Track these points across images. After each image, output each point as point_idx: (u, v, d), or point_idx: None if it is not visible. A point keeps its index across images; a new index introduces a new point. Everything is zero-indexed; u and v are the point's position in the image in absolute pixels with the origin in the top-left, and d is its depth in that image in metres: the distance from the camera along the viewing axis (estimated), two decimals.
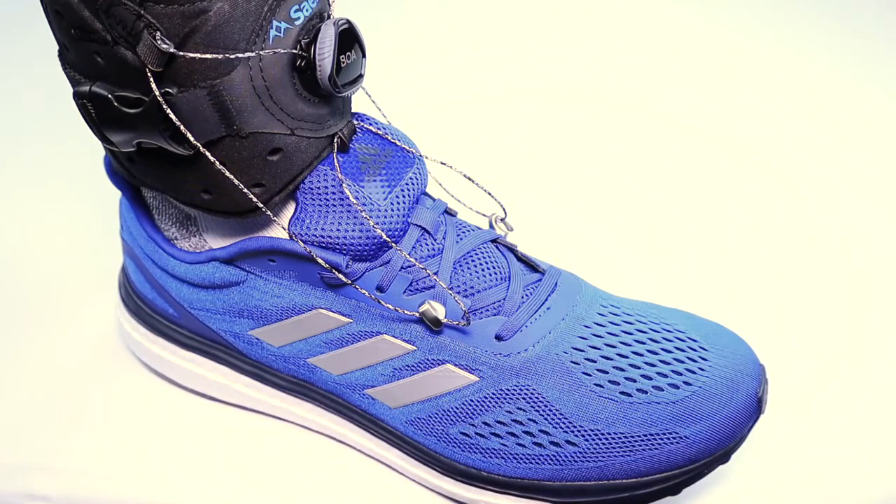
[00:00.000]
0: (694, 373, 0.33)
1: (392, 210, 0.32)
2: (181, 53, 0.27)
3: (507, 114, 0.62)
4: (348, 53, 0.30)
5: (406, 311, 0.32)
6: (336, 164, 0.32)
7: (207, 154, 0.29)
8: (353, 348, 0.34)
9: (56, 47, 0.30)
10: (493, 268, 0.34)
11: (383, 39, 0.64)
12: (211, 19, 0.26)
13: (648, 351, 0.33)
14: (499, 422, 0.33)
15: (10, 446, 0.37)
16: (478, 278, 0.34)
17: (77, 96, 0.29)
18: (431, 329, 0.33)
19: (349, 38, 0.30)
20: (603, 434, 0.32)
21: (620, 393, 0.32)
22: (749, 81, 0.68)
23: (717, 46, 0.72)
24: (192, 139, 0.28)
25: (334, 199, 0.32)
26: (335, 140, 0.32)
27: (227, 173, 0.30)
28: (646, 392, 0.32)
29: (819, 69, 0.69)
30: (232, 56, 0.27)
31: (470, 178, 0.37)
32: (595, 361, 0.33)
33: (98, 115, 0.29)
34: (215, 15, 0.26)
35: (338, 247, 0.32)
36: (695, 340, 0.34)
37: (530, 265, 0.36)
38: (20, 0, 0.70)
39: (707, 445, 0.32)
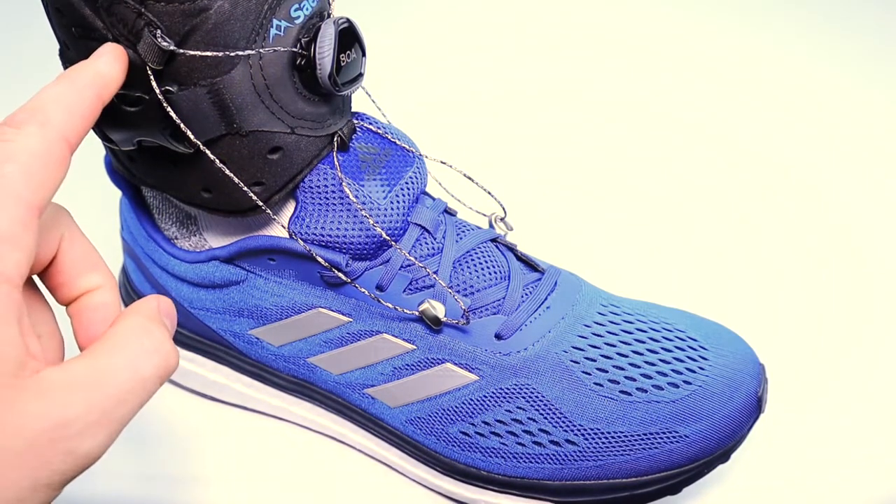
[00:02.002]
0: (694, 372, 0.33)
1: (392, 209, 0.32)
2: (182, 51, 0.27)
3: (506, 114, 0.62)
4: (348, 52, 0.30)
5: (406, 310, 0.32)
6: (336, 162, 0.32)
7: (207, 152, 0.29)
8: (352, 347, 0.34)
9: (56, 46, 0.30)
10: (493, 267, 0.34)
11: (383, 39, 0.64)
12: (211, 17, 0.26)
13: (648, 350, 0.33)
14: (499, 421, 0.33)
15: None
16: (477, 277, 0.34)
17: None
18: (431, 328, 0.33)
19: (349, 37, 0.30)
20: (603, 433, 0.32)
21: (620, 392, 0.32)
22: (749, 81, 0.68)
23: (717, 46, 0.72)
24: (192, 137, 0.28)
25: (334, 198, 0.32)
26: (335, 139, 0.32)
27: (227, 172, 0.30)
28: (646, 391, 0.32)
29: (818, 69, 0.69)
30: (232, 54, 0.27)
31: (470, 178, 0.37)
32: (595, 360, 0.33)
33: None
34: (216, 13, 0.26)
35: (338, 245, 0.32)
36: (695, 340, 0.34)
37: (530, 264, 0.36)
38: (20, 0, 0.70)
39: (707, 445, 0.32)
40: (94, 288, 0.24)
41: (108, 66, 0.25)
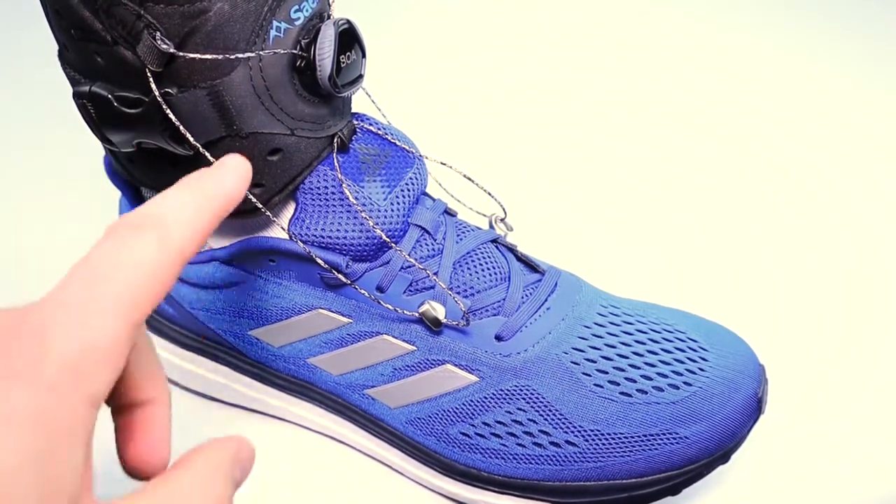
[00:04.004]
0: (694, 373, 0.33)
1: (392, 210, 0.32)
2: (181, 53, 0.27)
3: (506, 114, 0.62)
4: (348, 54, 0.30)
5: (406, 312, 0.32)
6: (336, 164, 0.32)
7: (207, 154, 0.29)
8: (352, 348, 0.34)
9: (56, 47, 0.30)
10: (493, 268, 0.34)
11: (383, 39, 0.64)
12: (211, 19, 0.26)
13: (648, 351, 0.33)
14: (499, 422, 0.33)
15: None
16: (477, 278, 0.34)
17: (77, 96, 0.29)
18: (431, 329, 0.33)
19: (349, 39, 0.30)
20: (603, 434, 0.32)
21: (620, 393, 0.32)
22: (749, 81, 0.68)
23: (716, 46, 0.72)
24: (191, 139, 0.28)
25: (334, 200, 0.32)
26: (335, 140, 0.32)
27: None
28: (646, 392, 0.32)
29: (819, 68, 0.69)
30: (232, 56, 0.27)
31: (470, 178, 0.37)
32: (595, 362, 0.33)
33: (98, 115, 0.29)
34: (215, 15, 0.26)
35: (337, 247, 0.32)
36: (695, 340, 0.34)
37: (530, 265, 0.36)
38: (20, 0, 0.70)
39: (707, 446, 0.32)
40: (149, 400, 0.23)
41: (235, 184, 0.23)
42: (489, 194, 0.38)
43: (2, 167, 0.55)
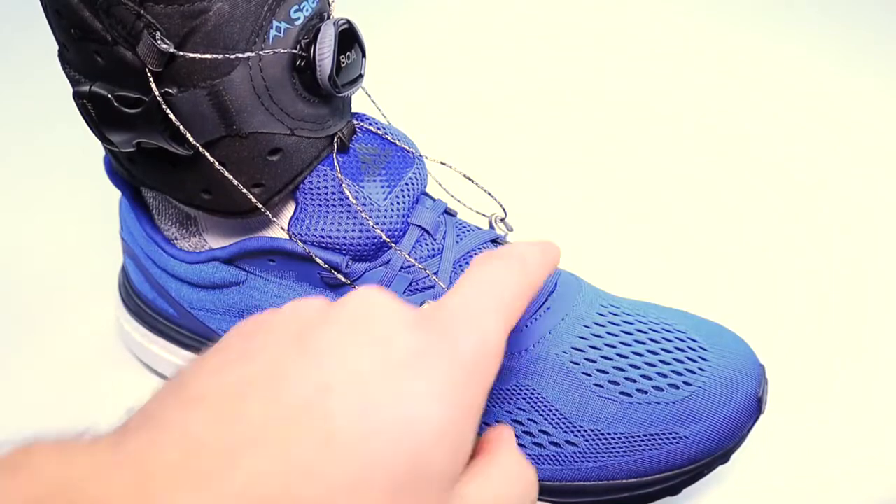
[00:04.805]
0: (694, 373, 0.33)
1: (392, 210, 0.32)
2: (181, 53, 0.27)
3: (506, 114, 0.62)
4: (348, 53, 0.30)
5: None
6: (336, 164, 0.32)
7: (207, 154, 0.29)
8: None
9: (56, 47, 0.30)
10: None
11: (383, 39, 0.64)
12: (211, 19, 0.26)
13: (648, 351, 0.33)
14: (498, 422, 0.33)
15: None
16: None
17: (77, 96, 0.29)
18: None
19: (349, 38, 0.30)
20: (603, 434, 0.32)
21: (620, 393, 0.32)
22: (749, 82, 0.68)
23: (717, 46, 0.72)
24: (191, 139, 0.28)
25: (334, 200, 0.32)
26: (335, 140, 0.32)
27: (227, 173, 0.30)
28: (645, 392, 0.32)
29: (818, 68, 0.69)
30: (232, 56, 0.27)
31: (470, 178, 0.37)
32: (595, 361, 0.32)
33: (98, 115, 0.29)
34: (215, 15, 0.26)
35: (337, 247, 0.32)
36: (695, 340, 0.34)
37: None
38: (20, 0, 0.70)
39: (707, 445, 0.32)
40: None
41: (557, 257, 0.27)
42: (489, 194, 0.38)
43: (2, 167, 0.55)
